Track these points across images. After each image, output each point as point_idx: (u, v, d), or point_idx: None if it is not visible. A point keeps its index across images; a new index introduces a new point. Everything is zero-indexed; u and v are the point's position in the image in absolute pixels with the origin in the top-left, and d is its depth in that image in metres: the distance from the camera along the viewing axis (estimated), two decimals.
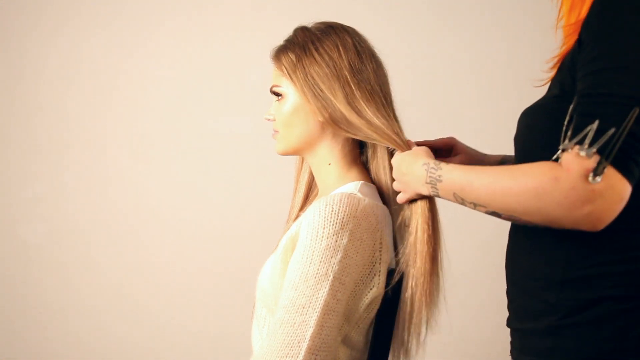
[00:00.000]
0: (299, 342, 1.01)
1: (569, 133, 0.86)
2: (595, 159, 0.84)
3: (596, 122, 0.84)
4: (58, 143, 2.33)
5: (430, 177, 1.03)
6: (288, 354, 1.01)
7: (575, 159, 0.85)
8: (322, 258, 1.05)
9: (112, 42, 2.32)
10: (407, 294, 1.21)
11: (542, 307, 0.97)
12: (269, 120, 1.25)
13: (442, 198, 1.04)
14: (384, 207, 1.20)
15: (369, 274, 1.11)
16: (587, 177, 0.84)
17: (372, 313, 1.14)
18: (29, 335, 2.33)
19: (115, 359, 2.34)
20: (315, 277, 1.04)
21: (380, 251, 1.12)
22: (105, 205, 2.33)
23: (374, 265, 1.11)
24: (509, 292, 1.07)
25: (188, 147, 2.32)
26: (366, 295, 1.11)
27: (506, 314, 1.43)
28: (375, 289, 1.12)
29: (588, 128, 0.84)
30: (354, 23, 1.26)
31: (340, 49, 1.17)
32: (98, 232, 2.33)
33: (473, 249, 2.22)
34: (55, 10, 2.32)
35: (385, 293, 1.13)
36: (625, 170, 0.85)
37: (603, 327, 0.91)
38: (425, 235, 1.12)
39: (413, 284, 1.12)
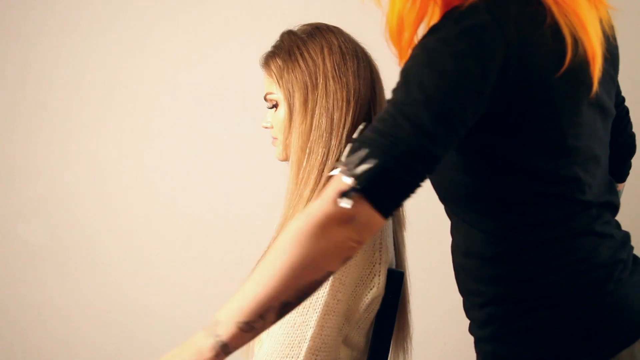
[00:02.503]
0: (299, 343, 1.01)
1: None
2: (346, 183, 0.84)
3: (365, 150, 0.84)
4: (59, 142, 2.33)
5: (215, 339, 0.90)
6: (288, 354, 1.01)
7: (336, 182, 0.85)
8: None
9: (113, 43, 2.32)
10: (408, 295, 1.22)
11: (484, 318, 1.02)
12: (266, 127, 1.26)
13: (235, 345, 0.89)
14: None
15: (369, 275, 1.11)
16: (338, 196, 0.84)
17: (372, 313, 1.14)
18: (29, 335, 2.33)
19: (116, 358, 2.34)
20: None
21: (380, 251, 1.12)
22: (106, 205, 2.33)
23: (374, 266, 1.11)
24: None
25: (190, 147, 2.32)
26: (366, 295, 1.11)
27: None
28: (375, 290, 1.12)
29: (358, 154, 0.84)
30: (354, 23, 1.26)
31: (326, 51, 1.19)
32: (99, 232, 2.33)
33: None
34: (56, 11, 2.32)
35: (385, 293, 1.13)
36: (374, 199, 0.84)
37: (535, 334, 0.96)
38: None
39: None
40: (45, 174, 2.33)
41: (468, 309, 1.07)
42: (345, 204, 0.82)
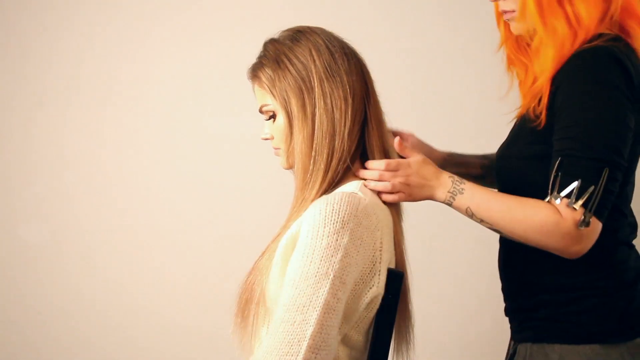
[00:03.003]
0: (299, 341, 1.01)
1: (556, 186, 1.15)
2: (581, 210, 1.13)
3: (578, 182, 1.13)
4: (58, 143, 2.33)
5: (454, 188, 1.22)
6: (288, 352, 1.01)
7: (568, 210, 1.14)
8: (322, 257, 1.05)
9: (112, 42, 2.32)
10: (409, 293, 1.22)
11: (536, 303, 1.29)
12: (266, 139, 1.25)
13: (453, 207, 1.24)
14: (385, 206, 1.20)
15: (369, 273, 1.11)
16: (577, 225, 1.14)
17: (372, 312, 1.14)
18: (29, 335, 2.33)
19: (116, 358, 2.33)
20: (315, 276, 1.04)
21: (380, 250, 1.12)
22: (105, 205, 2.33)
23: (374, 265, 1.11)
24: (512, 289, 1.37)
25: (189, 147, 2.32)
26: (366, 294, 1.11)
27: (503, 313, 1.44)
28: (375, 289, 1.12)
29: (573, 186, 1.14)
30: (354, 22, 1.26)
31: (314, 53, 1.18)
32: (98, 232, 2.33)
33: (472, 249, 2.22)
34: (55, 10, 2.32)
35: (385, 293, 1.13)
36: (601, 216, 1.16)
37: (582, 317, 1.25)
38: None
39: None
40: (45, 174, 2.33)
41: (515, 297, 1.35)
42: (583, 226, 1.14)
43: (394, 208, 1.25)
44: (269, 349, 1.02)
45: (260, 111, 1.24)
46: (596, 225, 1.16)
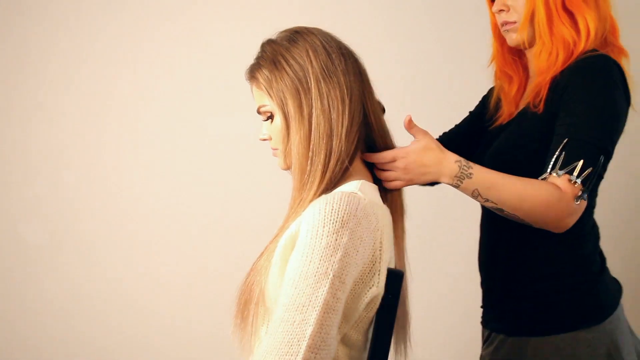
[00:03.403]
0: (298, 341, 1.01)
1: (559, 164, 1.27)
2: (579, 187, 1.26)
3: (581, 161, 1.26)
4: (58, 143, 2.33)
5: (462, 172, 1.28)
6: (288, 352, 1.00)
7: (569, 185, 1.26)
8: (322, 256, 1.04)
9: (112, 43, 2.32)
10: (407, 293, 1.22)
11: (533, 292, 1.41)
12: (264, 140, 1.25)
13: (460, 190, 1.30)
14: (385, 206, 1.20)
15: (368, 273, 1.11)
16: (575, 199, 1.26)
17: (372, 312, 1.14)
18: (29, 335, 2.33)
19: (116, 358, 2.33)
20: (315, 276, 1.03)
21: (380, 250, 1.12)
22: (105, 205, 2.33)
23: (373, 264, 1.11)
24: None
25: (188, 147, 2.32)
26: (365, 294, 1.11)
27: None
28: (375, 288, 1.12)
29: (576, 165, 1.26)
30: (354, 21, 1.25)
31: (311, 54, 1.18)
32: (98, 232, 2.33)
33: (471, 249, 2.22)
34: (54, 10, 2.32)
35: (385, 292, 1.13)
36: (586, 197, 1.29)
37: (567, 303, 1.38)
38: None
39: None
40: (44, 174, 2.33)
41: (493, 289, 1.49)
42: (579, 200, 1.27)
43: (395, 207, 1.25)
44: (269, 348, 1.02)
45: (258, 112, 1.24)
46: (584, 203, 1.29)
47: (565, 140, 1.28)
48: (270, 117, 1.22)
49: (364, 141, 1.24)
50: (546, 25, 1.37)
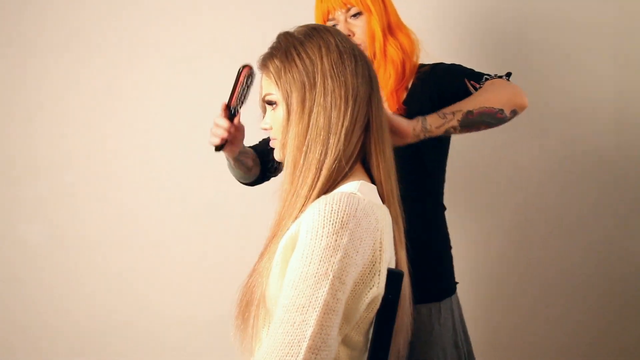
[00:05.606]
0: (299, 342, 1.01)
1: (485, 77, 1.61)
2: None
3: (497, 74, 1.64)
4: (59, 143, 2.33)
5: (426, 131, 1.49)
6: (288, 353, 1.01)
7: (506, 81, 1.61)
8: (321, 257, 1.04)
9: (113, 43, 2.32)
10: (407, 293, 1.22)
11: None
12: (265, 129, 1.26)
13: (432, 128, 1.47)
14: (384, 206, 1.20)
15: (368, 274, 1.11)
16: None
17: (372, 313, 1.14)
18: (31, 335, 2.34)
19: (118, 357, 2.34)
20: (315, 277, 1.04)
21: (380, 250, 1.12)
22: (105, 205, 2.33)
23: (373, 265, 1.11)
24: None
25: (189, 146, 2.32)
26: (366, 294, 1.11)
27: (506, 309, 1.44)
28: (375, 289, 1.12)
29: (496, 73, 1.63)
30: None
31: (323, 50, 1.19)
32: (99, 232, 2.33)
33: (471, 250, 2.23)
34: (56, 10, 2.32)
35: (385, 293, 1.13)
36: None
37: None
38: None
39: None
40: (46, 174, 2.33)
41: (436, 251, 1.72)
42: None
43: (395, 207, 1.25)
44: (269, 350, 1.02)
45: (264, 99, 1.24)
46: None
47: (483, 78, 1.61)
48: (274, 105, 1.23)
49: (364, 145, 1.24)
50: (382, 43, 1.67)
